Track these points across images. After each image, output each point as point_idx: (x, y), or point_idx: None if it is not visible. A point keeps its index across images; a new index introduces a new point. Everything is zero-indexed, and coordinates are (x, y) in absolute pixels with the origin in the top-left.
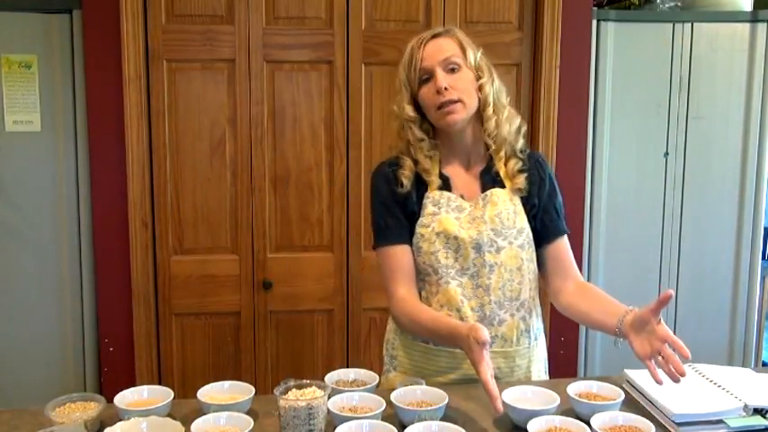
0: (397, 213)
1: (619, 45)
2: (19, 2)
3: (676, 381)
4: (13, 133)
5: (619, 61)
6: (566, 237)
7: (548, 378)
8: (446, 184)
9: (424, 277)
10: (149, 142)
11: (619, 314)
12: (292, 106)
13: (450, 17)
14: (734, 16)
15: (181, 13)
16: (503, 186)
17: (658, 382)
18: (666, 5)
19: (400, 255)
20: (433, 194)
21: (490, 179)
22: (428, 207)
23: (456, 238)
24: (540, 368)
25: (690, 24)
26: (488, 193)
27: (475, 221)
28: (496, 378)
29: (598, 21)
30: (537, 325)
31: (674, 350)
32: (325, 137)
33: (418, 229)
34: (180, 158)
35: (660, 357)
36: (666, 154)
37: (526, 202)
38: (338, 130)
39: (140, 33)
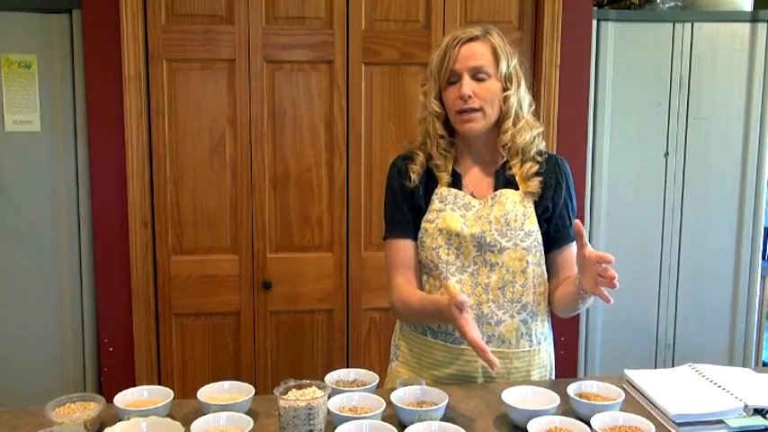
0: (404, 208)
1: (619, 45)
2: (19, 2)
3: (612, 286)
4: (13, 133)
5: (619, 61)
6: (574, 243)
7: None
8: (456, 182)
9: (428, 271)
10: (149, 142)
11: (575, 277)
12: (292, 106)
13: (451, 17)
14: (734, 16)
15: (181, 12)
16: (516, 188)
17: (607, 300)
18: (666, 5)
19: (403, 249)
20: (441, 191)
21: (504, 180)
22: (435, 203)
23: (458, 235)
24: (542, 374)
25: (690, 24)
26: (498, 193)
27: (480, 220)
28: (491, 378)
29: (598, 21)
30: (541, 330)
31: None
32: (325, 137)
33: (423, 224)
34: (180, 158)
35: (600, 277)
36: (667, 154)
37: (538, 205)
38: (338, 130)
39: (140, 33)
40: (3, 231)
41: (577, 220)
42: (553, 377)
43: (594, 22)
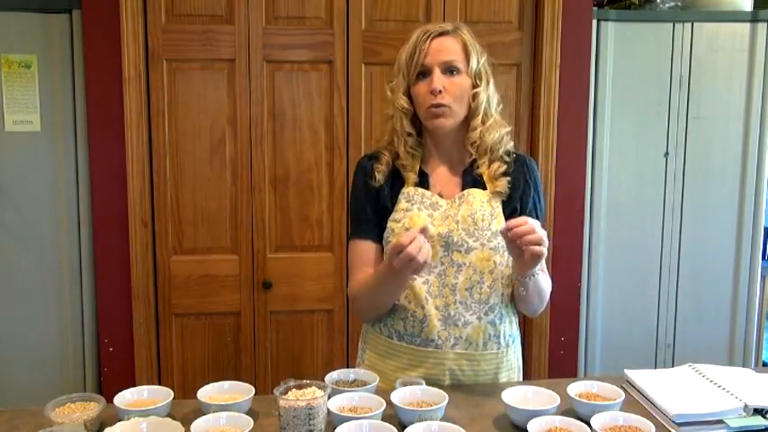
0: (367, 209)
1: (619, 45)
2: (19, 2)
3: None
4: (13, 133)
5: (619, 61)
6: None
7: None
8: (424, 181)
9: None
10: (149, 142)
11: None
12: (292, 106)
13: (450, 17)
14: (734, 16)
15: (181, 12)
16: (484, 188)
17: (539, 254)
18: (666, 5)
19: (364, 250)
20: (408, 190)
21: (471, 179)
22: (401, 202)
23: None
24: (510, 377)
25: (690, 24)
26: (465, 192)
27: (447, 219)
28: (458, 381)
29: (598, 21)
30: (509, 332)
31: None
32: (325, 137)
33: (389, 224)
34: (180, 158)
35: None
36: (667, 154)
37: (506, 205)
38: (338, 130)
39: (140, 33)
40: (3, 231)
41: (502, 227)
42: (521, 378)
43: (594, 22)
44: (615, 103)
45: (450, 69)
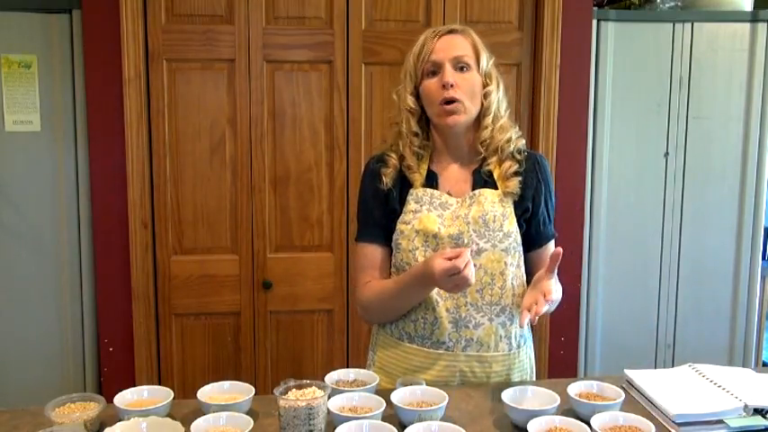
0: (376, 213)
1: (619, 45)
2: (19, 2)
3: (532, 321)
4: (13, 133)
5: (619, 61)
6: (552, 242)
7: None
8: (432, 181)
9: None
10: (149, 142)
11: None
12: (292, 106)
13: (450, 17)
14: (734, 16)
15: (181, 12)
16: (495, 187)
17: (521, 325)
18: (666, 5)
19: (373, 254)
20: (416, 191)
21: (482, 179)
22: (410, 204)
23: (435, 236)
24: (522, 377)
25: (690, 24)
26: (476, 192)
27: (457, 220)
28: (469, 381)
29: (598, 21)
30: (520, 332)
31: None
32: (325, 137)
33: (399, 226)
34: (180, 158)
35: (534, 304)
36: (667, 154)
37: (518, 205)
38: (338, 130)
39: (140, 33)
40: (3, 231)
41: (559, 248)
42: (534, 379)
43: (594, 22)
44: (615, 103)
45: (460, 66)
